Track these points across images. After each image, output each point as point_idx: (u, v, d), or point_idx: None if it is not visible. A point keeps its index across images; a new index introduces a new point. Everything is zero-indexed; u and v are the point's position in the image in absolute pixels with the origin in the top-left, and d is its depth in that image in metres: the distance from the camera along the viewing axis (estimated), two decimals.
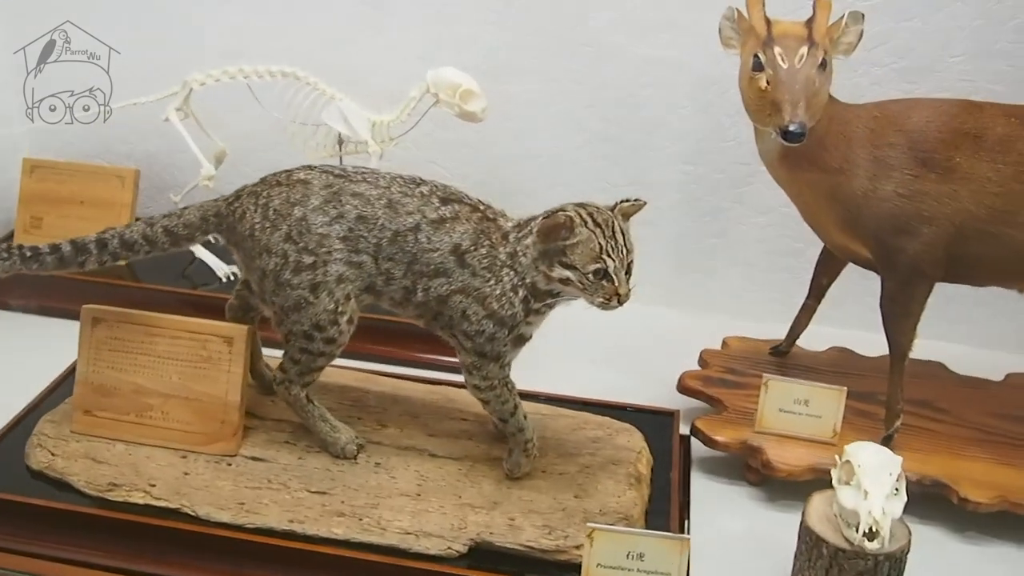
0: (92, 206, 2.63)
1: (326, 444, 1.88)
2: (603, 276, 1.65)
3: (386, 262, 1.76)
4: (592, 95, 2.64)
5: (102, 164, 2.77)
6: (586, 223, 1.66)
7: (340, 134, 2.51)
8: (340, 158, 2.54)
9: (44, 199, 2.66)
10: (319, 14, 2.69)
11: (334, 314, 1.77)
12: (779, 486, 2.05)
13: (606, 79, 2.61)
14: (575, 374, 2.35)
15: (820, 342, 2.39)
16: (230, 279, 2.59)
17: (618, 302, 1.67)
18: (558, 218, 1.65)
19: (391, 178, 1.79)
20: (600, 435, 1.99)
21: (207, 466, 1.85)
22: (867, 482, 1.68)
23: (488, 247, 1.73)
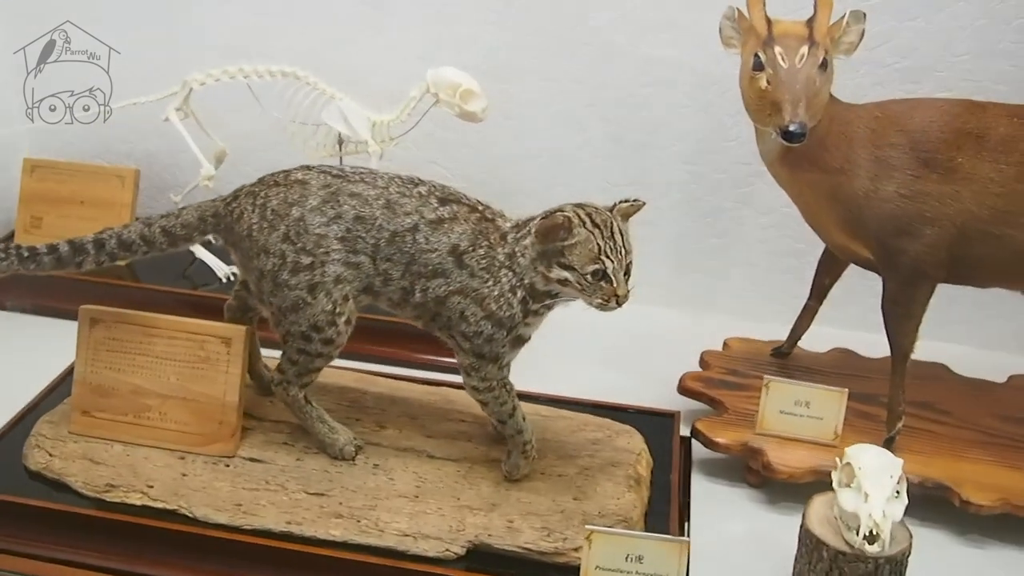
0: (92, 206, 2.63)
1: (324, 445, 1.88)
2: (601, 277, 1.65)
3: (384, 263, 1.75)
4: (592, 95, 2.63)
5: (102, 164, 2.76)
6: (584, 224, 1.65)
7: (340, 134, 2.50)
8: (340, 158, 2.54)
9: (44, 199, 2.66)
10: (319, 14, 2.69)
11: (332, 315, 1.76)
12: (780, 488, 2.05)
13: (606, 79, 2.61)
14: (575, 375, 2.34)
15: (822, 343, 2.39)
16: (230, 280, 2.58)
17: (617, 303, 1.66)
18: (556, 219, 1.64)
19: (389, 178, 1.79)
20: (600, 437, 1.98)
21: (205, 467, 1.84)
22: (868, 485, 1.67)
23: (486, 248, 1.72)
